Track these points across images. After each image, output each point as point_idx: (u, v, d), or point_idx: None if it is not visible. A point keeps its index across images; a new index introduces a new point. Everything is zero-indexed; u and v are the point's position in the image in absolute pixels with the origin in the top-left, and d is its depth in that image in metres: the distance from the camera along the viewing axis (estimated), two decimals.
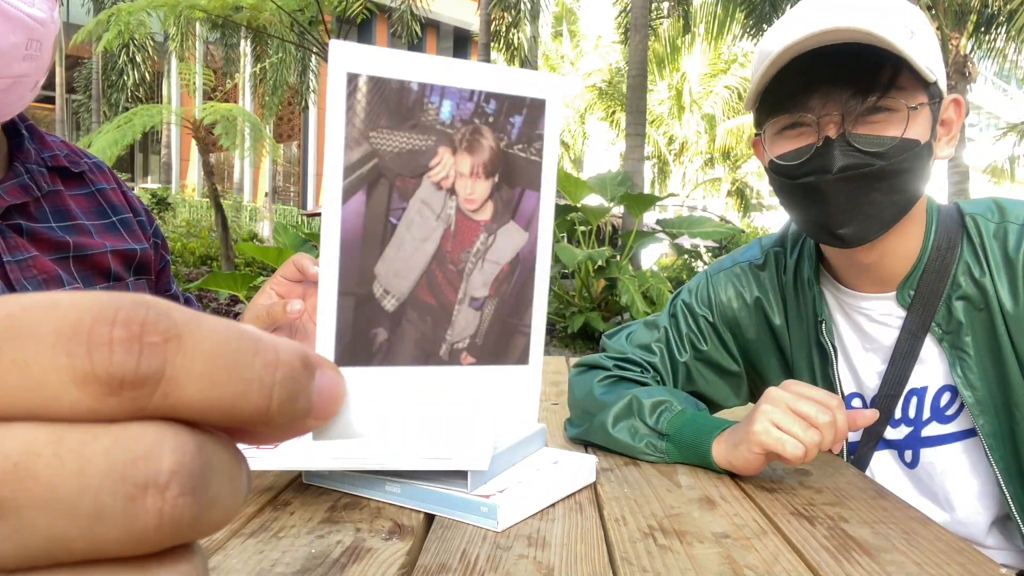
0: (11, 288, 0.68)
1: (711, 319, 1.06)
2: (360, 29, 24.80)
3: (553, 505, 0.73)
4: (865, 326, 0.97)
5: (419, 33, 11.01)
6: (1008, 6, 8.82)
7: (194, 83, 13.02)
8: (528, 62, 9.90)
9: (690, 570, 0.58)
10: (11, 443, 0.14)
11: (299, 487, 0.77)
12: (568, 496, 0.75)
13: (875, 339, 0.96)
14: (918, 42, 0.82)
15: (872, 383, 0.97)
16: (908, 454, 0.96)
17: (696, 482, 0.82)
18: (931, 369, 0.93)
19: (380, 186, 0.30)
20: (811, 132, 0.86)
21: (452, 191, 0.31)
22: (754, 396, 1.10)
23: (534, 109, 0.31)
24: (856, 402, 0.99)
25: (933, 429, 0.94)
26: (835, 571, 0.58)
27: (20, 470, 0.14)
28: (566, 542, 0.63)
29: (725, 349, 1.06)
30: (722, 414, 1.06)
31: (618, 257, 7.36)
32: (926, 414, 0.94)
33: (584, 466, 0.79)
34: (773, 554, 0.61)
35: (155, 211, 14.74)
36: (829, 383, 0.98)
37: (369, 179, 0.30)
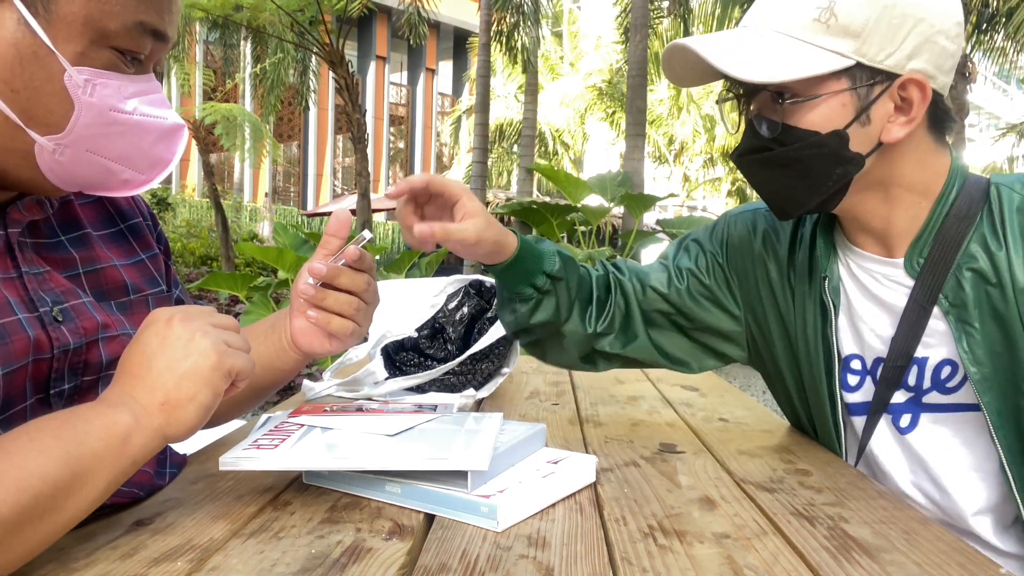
0: (29, 299, 0.68)
1: (720, 259, 1.07)
2: (360, 28, 24.79)
3: (553, 505, 0.73)
4: (872, 287, 0.94)
5: (424, 34, 11.00)
6: (1007, 5, 8.81)
7: (189, 83, 13.00)
8: (529, 63, 9.90)
9: (690, 570, 0.58)
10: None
11: (299, 487, 0.77)
12: (568, 496, 0.76)
13: (883, 301, 0.94)
14: (835, 23, 0.81)
15: (876, 345, 0.95)
16: (906, 418, 0.94)
17: (696, 482, 0.82)
18: (933, 341, 0.91)
19: None
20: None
21: None
22: (756, 351, 1.08)
23: None
24: (855, 363, 0.97)
25: (934, 398, 0.92)
26: (835, 571, 0.58)
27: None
28: (566, 542, 0.63)
29: (727, 287, 1.06)
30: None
31: (618, 257, 7.36)
32: (926, 384, 0.92)
33: (584, 466, 0.79)
34: (773, 554, 0.62)
35: (155, 211, 14.72)
36: (826, 342, 0.96)
37: None
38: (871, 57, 0.82)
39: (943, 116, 0.89)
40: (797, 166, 0.87)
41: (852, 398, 0.97)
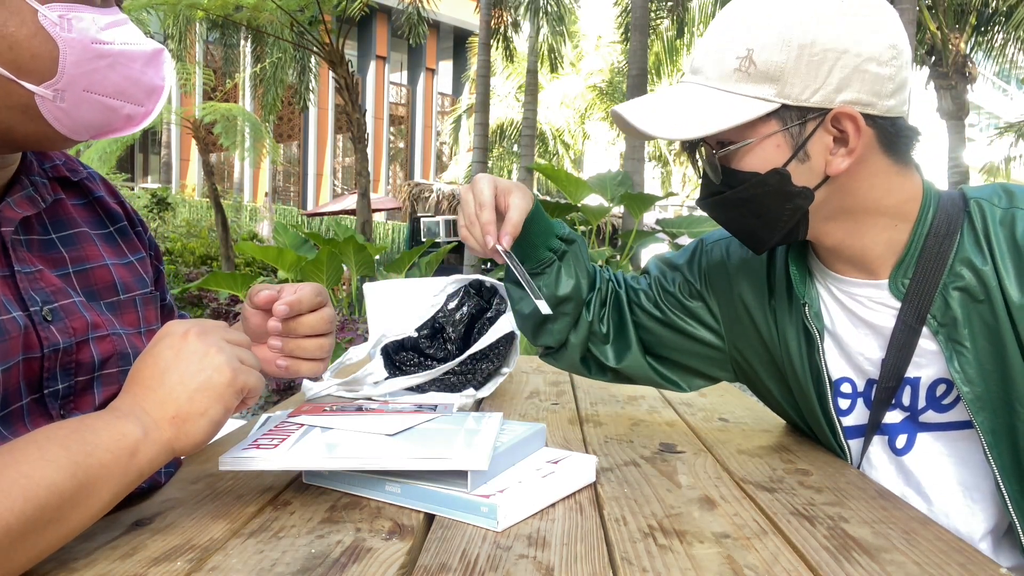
0: (20, 298, 0.68)
1: (698, 286, 1.08)
2: (360, 28, 24.79)
3: (553, 505, 0.73)
4: (857, 310, 0.94)
5: (424, 34, 11.01)
6: (1006, 3, 8.80)
7: (193, 82, 13.01)
8: (528, 68, 9.91)
9: (690, 570, 0.58)
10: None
11: (299, 487, 0.77)
12: (568, 496, 0.76)
13: (870, 323, 0.94)
14: (755, 70, 0.82)
15: (866, 367, 0.95)
16: (902, 439, 0.94)
17: (696, 482, 0.82)
18: (924, 361, 0.91)
19: None
20: None
21: None
22: (743, 375, 1.10)
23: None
24: (845, 387, 0.97)
25: (931, 417, 0.92)
26: (835, 571, 0.58)
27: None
28: (566, 542, 0.63)
29: (709, 313, 1.08)
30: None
31: (618, 257, 7.36)
32: (922, 403, 0.92)
33: (584, 466, 0.79)
34: (773, 554, 0.62)
35: (155, 211, 14.72)
36: (815, 367, 0.96)
37: None
38: (795, 97, 0.82)
39: (896, 138, 0.87)
40: (749, 205, 0.90)
41: (845, 422, 0.97)
